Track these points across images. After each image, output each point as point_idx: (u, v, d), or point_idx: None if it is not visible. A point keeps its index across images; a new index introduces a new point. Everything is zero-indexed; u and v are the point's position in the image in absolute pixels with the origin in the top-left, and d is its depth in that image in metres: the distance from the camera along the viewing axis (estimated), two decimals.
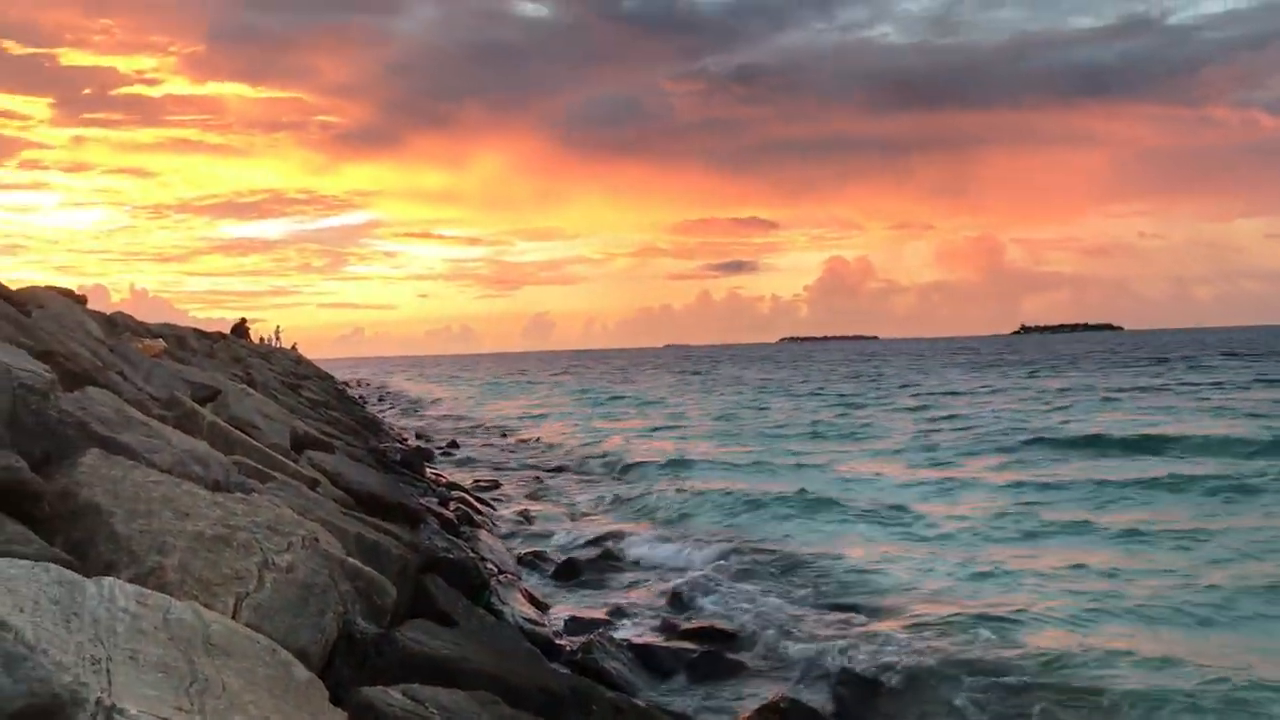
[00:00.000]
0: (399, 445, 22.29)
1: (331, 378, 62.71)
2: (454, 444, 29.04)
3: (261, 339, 51.32)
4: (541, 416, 39.08)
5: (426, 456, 24.19)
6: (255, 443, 8.47)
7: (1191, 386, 38.66)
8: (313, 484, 8.47)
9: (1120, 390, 37.94)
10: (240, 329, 34.68)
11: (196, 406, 8.55)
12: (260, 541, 4.16)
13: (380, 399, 58.79)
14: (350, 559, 5.13)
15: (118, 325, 12.26)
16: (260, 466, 7.50)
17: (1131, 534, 12.45)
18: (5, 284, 8.61)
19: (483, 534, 12.82)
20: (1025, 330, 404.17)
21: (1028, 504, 14.77)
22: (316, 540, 4.58)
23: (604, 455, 23.75)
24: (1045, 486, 16.17)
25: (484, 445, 28.83)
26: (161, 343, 11.08)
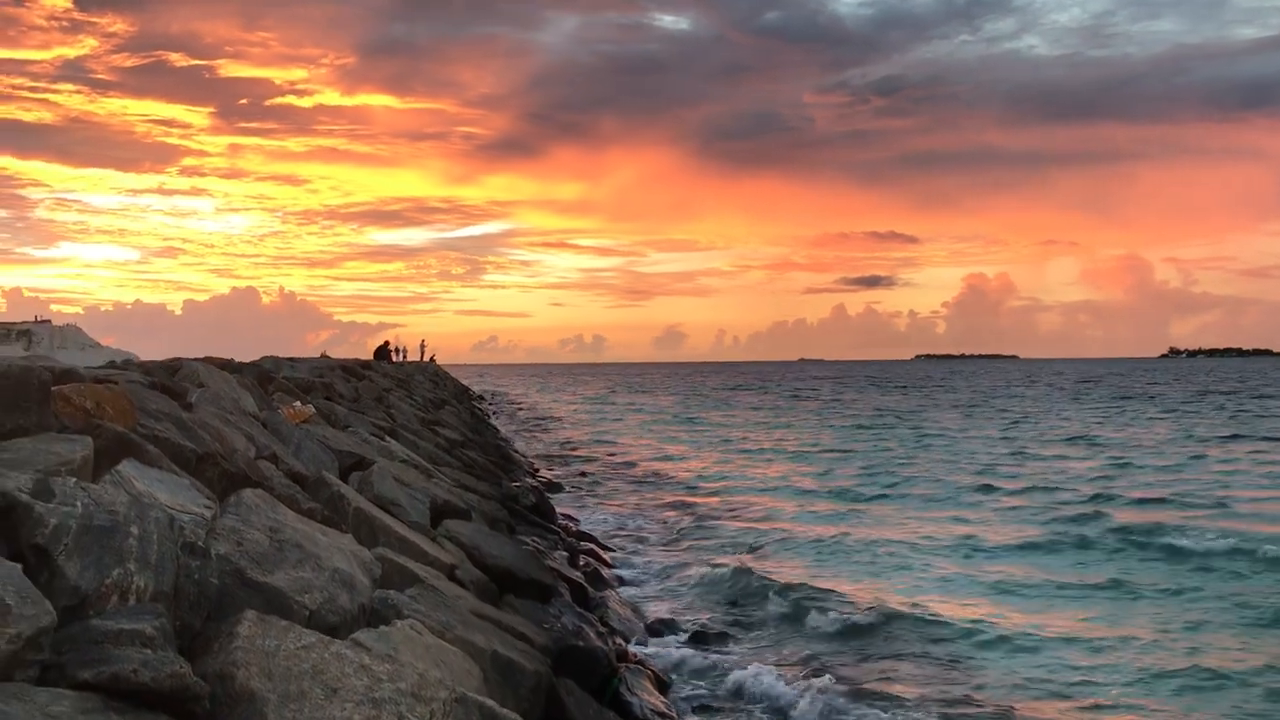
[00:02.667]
0: (530, 481, 22.61)
1: (468, 391, 64.19)
2: (583, 474, 29.37)
3: (398, 350, 53.05)
4: (673, 440, 39.20)
5: (556, 489, 24.62)
6: (398, 529, 8.69)
7: None
8: (451, 571, 8.67)
9: None
10: (383, 351, 35.84)
11: (341, 489, 8.83)
12: (404, 714, 4.25)
13: (513, 416, 59.86)
14: (487, 701, 5.18)
15: (272, 382, 12.74)
16: (403, 562, 7.69)
17: None
18: (165, 366, 9.02)
19: (612, 598, 12.91)
20: (1174, 353, 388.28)
21: None
22: (457, 700, 4.65)
23: (731, 497, 23.63)
24: None
25: (614, 476, 28.97)
26: (310, 409, 11.46)
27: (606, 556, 16.29)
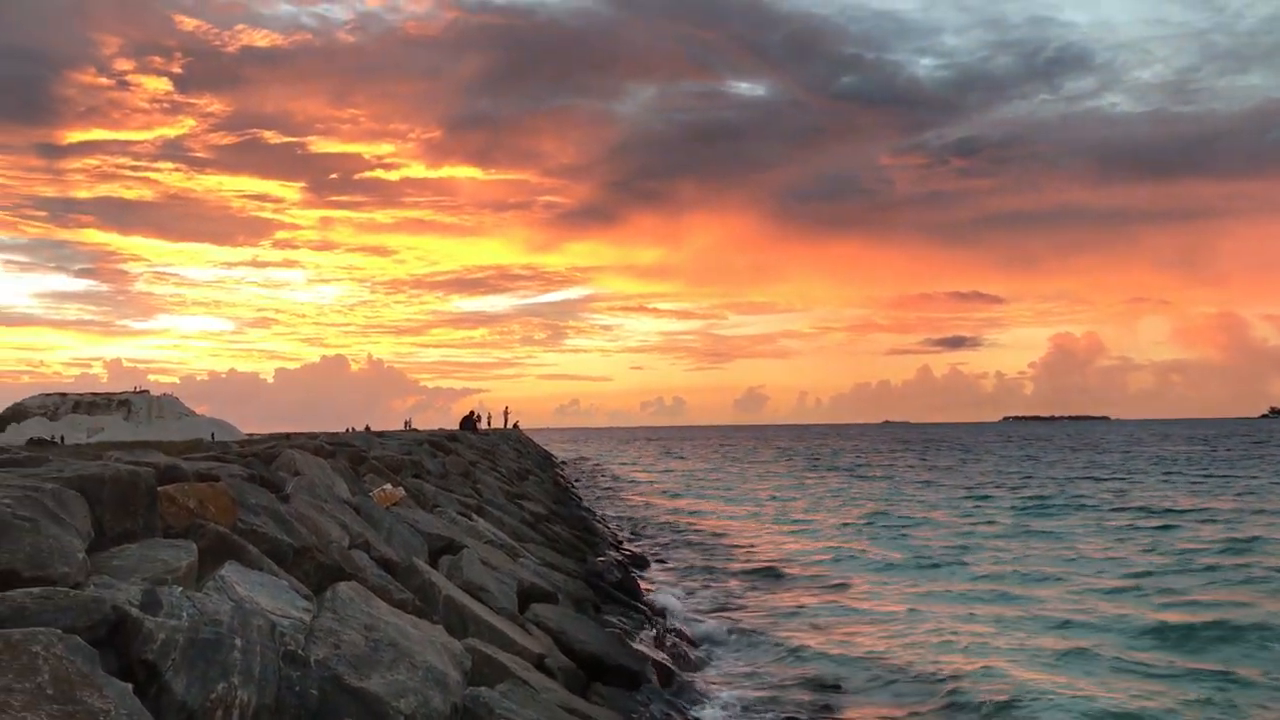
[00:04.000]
0: (614, 555, 22.56)
1: (550, 458, 64.54)
2: (666, 545, 29.19)
3: (480, 417, 53.64)
4: (756, 515, 38.85)
5: (640, 563, 24.48)
6: (487, 617, 8.75)
7: None
8: (539, 660, 8.68)
9: None
10: (469, 421, 36.34)
11: (432, 576, 8.94)
12: None
13: (594, 482, 59.92)
14: None
15: (364, 462, 12.98)
16: (492, 653, 7.74)
17: None
18: (262, 456, 9.23)
19: (698, 681, 12.78)
20: (1275, 413, 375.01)
21: None
22: None
23: (815, 571, 23.28)
24: None
25: (696, 547, 28.72)
26: (401, 492, 11.64)
27: (691, 635, 16.11)
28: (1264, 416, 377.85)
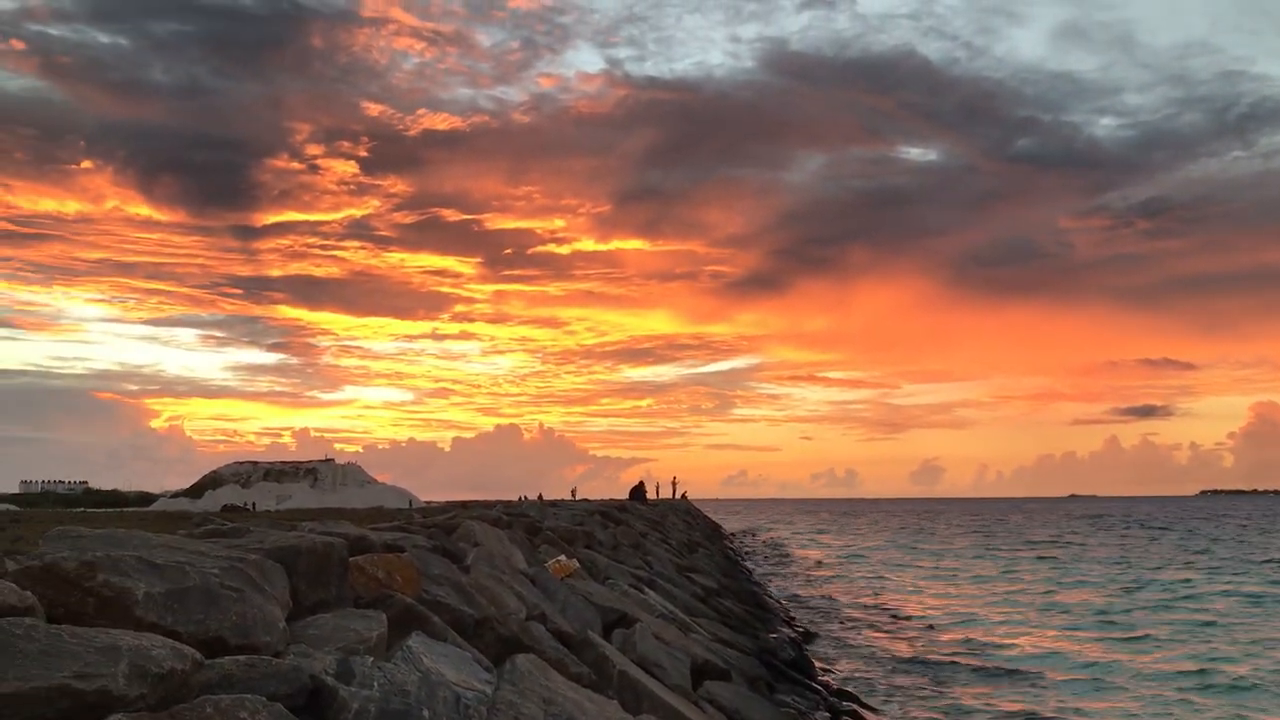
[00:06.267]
0: (787, 632, 22.16)
1: (719, 529, 64.18)
2: (841, 622, 28.50)
3: (647, 488, 53.85)
4: (940, 595, 37.52)
5: (811, 638, 23.97)
6: (660, 693, 8.70)
7: None
8: None
9: None
10: (638, 491, 36.64)
11: (606, 650, 8.97)
12: None
13: (765, 556, 59.16)
14: None
15: (538, 533, 13.21)
16: None
17: None
18: (443, 526, 9.51)
19: None
20: None
21: None
22: None
23: (991, 652, 22.21)
24: None
25: (872, 625, 27.93)
26: (574, 563, 11.80)
27: (867, 718, 15.62)
28: None
